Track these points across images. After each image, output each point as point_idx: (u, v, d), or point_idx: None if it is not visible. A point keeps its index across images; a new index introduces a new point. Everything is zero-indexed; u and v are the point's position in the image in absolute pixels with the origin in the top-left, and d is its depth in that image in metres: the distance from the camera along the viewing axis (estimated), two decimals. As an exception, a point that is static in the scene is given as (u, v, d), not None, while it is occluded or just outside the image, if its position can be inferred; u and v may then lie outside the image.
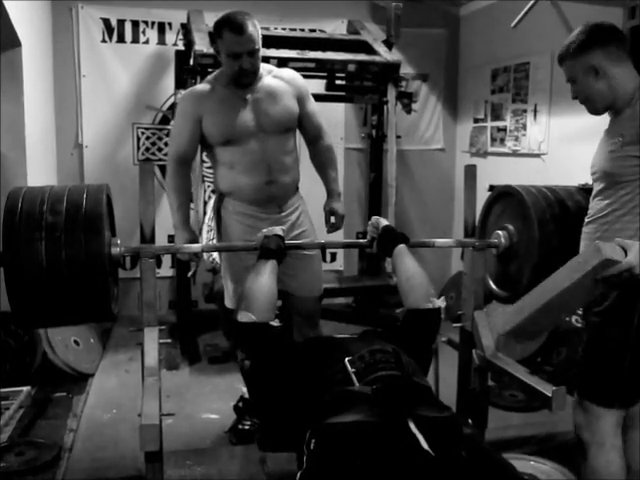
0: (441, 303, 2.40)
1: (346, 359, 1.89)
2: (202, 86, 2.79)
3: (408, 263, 2.26)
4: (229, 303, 2.93)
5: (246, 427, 3.06)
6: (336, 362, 1.89)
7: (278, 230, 2.32)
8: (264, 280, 2.12)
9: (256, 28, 2.64)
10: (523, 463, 2.58)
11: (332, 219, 3.01)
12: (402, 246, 2.30)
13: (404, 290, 2.23)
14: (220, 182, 2.84)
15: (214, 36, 2.68)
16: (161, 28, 5.05)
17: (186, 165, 2.82)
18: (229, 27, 2.59)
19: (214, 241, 3.90)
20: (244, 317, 2.01)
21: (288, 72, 2.88)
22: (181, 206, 2.82)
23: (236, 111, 2.69)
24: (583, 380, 2.14)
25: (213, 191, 5.02)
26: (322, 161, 2.99)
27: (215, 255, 3.90)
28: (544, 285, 2.02)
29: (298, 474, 1.59)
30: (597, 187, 2.10)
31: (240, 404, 3.09)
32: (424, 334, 2.20)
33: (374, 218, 2.44)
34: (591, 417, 2.06)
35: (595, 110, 2.16)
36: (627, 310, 1.98)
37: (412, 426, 1.58)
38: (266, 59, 3.84)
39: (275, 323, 2.07)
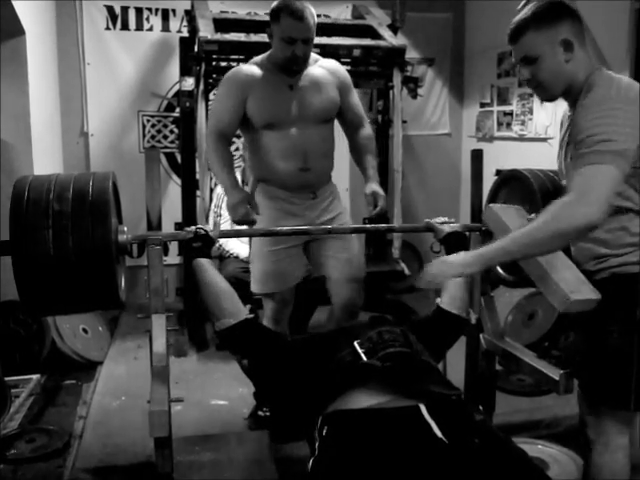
0: (473, 319, 2.48)
1: (355, 341, 1.90)
2: (249, 67, 2.77)
3: None
4: (254, 288, 2.91)
5: (267, 414, 3.06)
6: (346, 346, 1.91)
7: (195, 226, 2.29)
8: (213, 280, 2.13)
9: (314, 18, 2.63)
10: (531, 447, 2.58)
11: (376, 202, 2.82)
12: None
13: (448, 290, 2.28)
14: (255, 168, 2.87)
15: (270, 19, 2.67)
16: (165, 15, 5.03)
17: (225, 140, 2.78)
18: (288, 12, 2.58)
19: (221, 227, 3.91)
20: (222, 325, 2.05)
21: (332, 63, 2.87)
22: (227, 170, 2.73)
23: (280, 97, 2.69)
24: (589, 380, 1.98)
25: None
26: (361, 149, 2.91)
27: (222, 241, 3.90)
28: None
29: (310, 460, 1.59)
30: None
31: None
32: (446, 338, 2.23)
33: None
34: (597, 416, 1.94)
35: (552, 95, 1.97)
36: (627, 306, 1.84)
37: (425, 412, 1.58)
38: (270, 45, 3.83)
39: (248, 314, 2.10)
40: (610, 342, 1.87)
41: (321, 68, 2.79)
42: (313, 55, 2.81)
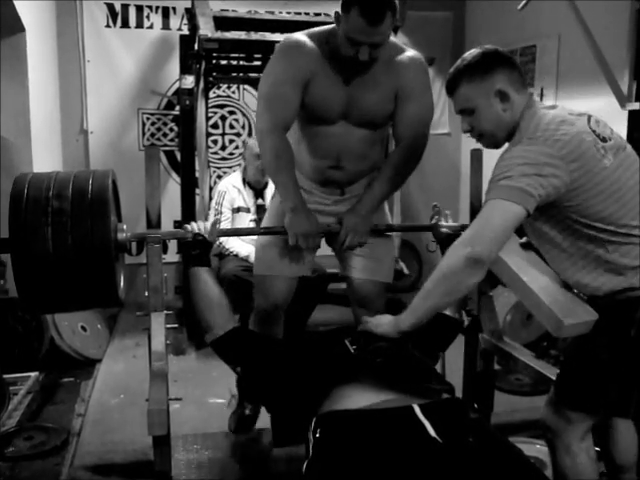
0: (466, 321, 2.53)
1: (346, 340, 1.91)
2: (311, 47, 2.27)
3: None
4: (257, 269, 2.59)
5: (246, 412, 2.92)
6: (337, 345, 1.92)
7: (195, 227, 2.21)
8: (204, 292, 2.09)
9: (393, 17, 2.15)
10: (529, 446, 2.58)
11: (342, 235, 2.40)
12: None
13: None
14: None
15: (341, 2, 2.14)
16: (165, 13, 5.03)
17: (284, 133, 2.32)
18: (362, 10, 2.07)
19: (220, 225, 3.91)
20: (210, 337, 2.03)
21: (406, 62, 2.34)
22: (294, 185, 2.32)
23: (332, 92, 2.28)
24: (568, 386, 1.96)
25: (219, 176, 5.04)
26: (382, 167, 2.45)
27: (222, 240, 3.89)
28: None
29: (305, 463, 1.59)
30: None
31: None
32: (439, 340, 2.22)
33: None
34: (563, 421, 1.93)
35: (496, 143, 1.96)
36: (621, 322, 1.83)
37: (418, 412, 1.58)
38: (271, 43, 3.83)
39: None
40: (598, 354, 1.86)
41: (390, 65, 2.30)
42: (395, 44, 2.34)
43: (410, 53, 2.36)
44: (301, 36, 2.30)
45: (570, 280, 1.92)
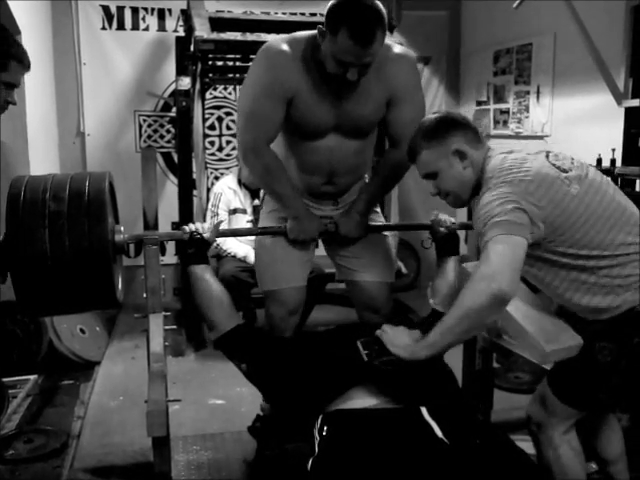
0: None
1: (358, 341, 1.90)
2: (294, 56, 2.15)
3: (454, 273, 2.34)
4: (262, 286, 2.56)
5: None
6: (347, 344, 1.91)
7: (193, 227, 2.22)
8: (205, 290, 2.11)
9: (384, 34, 2.03)
10: (528, 444, 2.58)
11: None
12: (456, 257, 2.40)
13: (438, 290, 2.29)
14: None
15: (325, 22, 2.03)
16: (161, 14, 5.04)
17: (268, 147, 2.26)
18: (352, 32, 1.95)
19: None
20: (215, 334, 2.06)
21: (397, 62, 2.24)
22: (293, 193, 2.32)
23: (322, 107, 2.20)
24: (564, 382, 1.96)
25: (216, 178, 5.04)
26: (377, 170, 2.47)
27: (220, 241, 3.89)
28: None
29: (310, 460, 1.59)
30: None
31: (257, 424, 2.74)
32: None
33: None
34: (548, 414, 1.96)
35: (463, 201, 2.02)
36: (626, 331, 1.85)
37: (425, 414, 1.58)
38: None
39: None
40: (599, 356, 1.87)
41: (379, 70, 2.17)
42: (387, 45, 2.18)
43: (399, 51, 2.27)
44: (283, 44, 2.17)
45: (568, 304, 1.94)
